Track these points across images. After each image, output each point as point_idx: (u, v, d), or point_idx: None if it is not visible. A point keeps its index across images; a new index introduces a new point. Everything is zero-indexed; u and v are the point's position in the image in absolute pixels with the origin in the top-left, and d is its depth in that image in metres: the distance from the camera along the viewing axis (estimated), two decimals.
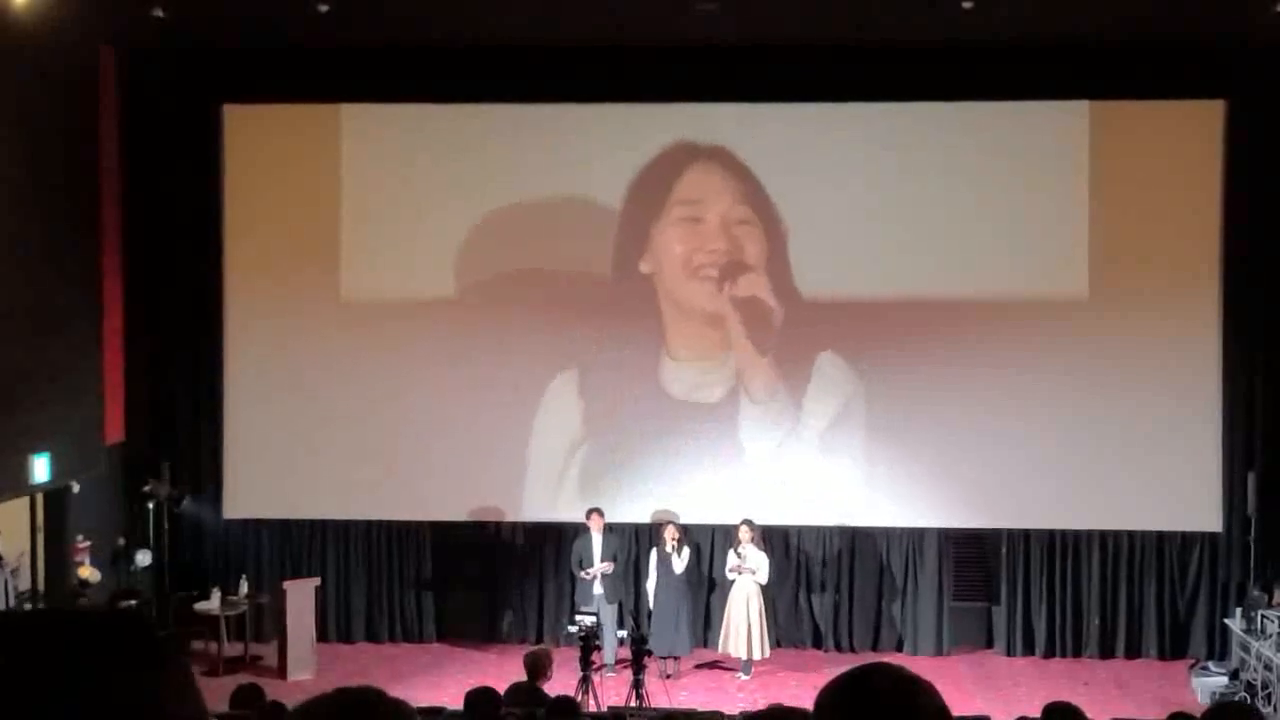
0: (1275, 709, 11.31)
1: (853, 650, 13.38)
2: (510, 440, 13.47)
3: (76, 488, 12.23)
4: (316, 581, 13.13)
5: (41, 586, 12.13)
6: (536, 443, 13.50)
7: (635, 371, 13.42)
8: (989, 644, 13.57)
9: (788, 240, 13.30)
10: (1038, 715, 7.61)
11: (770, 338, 13.35)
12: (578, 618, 11.71)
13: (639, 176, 13.41)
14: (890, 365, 13.18)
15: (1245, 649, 12.22)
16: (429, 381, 13.49)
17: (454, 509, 13.55)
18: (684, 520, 13.17)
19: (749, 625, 12.45)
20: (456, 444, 13.43)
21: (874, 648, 13.46)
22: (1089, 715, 7.21)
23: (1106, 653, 13.29)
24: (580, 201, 13.44)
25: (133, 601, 12.80)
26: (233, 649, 13.06)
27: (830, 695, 1.71)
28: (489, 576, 13.77)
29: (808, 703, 1.94)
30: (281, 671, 12.46)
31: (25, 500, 11.99)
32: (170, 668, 1.33)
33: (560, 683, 9.76)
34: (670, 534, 12.70)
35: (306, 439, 13.52)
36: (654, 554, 12.82)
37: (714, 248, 13.35)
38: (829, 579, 13.55)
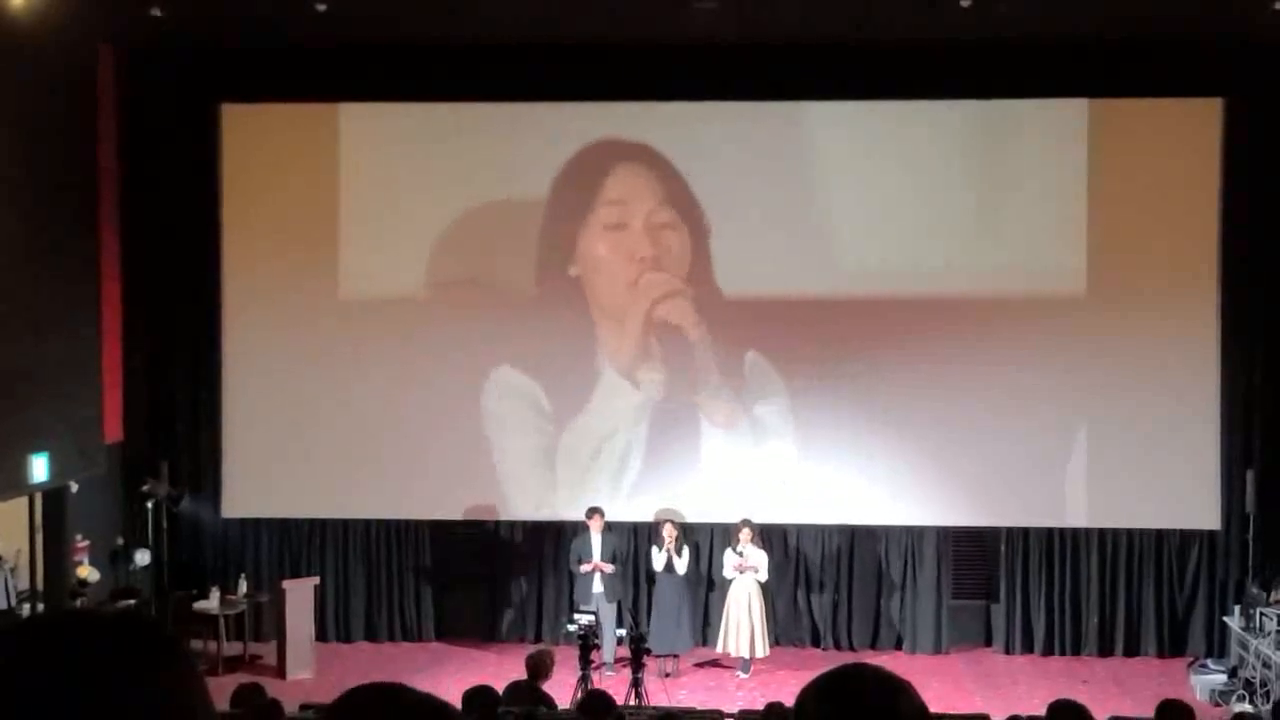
0: (1275, 706, 11.31)
1: (852, 649, 13.39)
2: (509, 438, 13.47)
3: (75, 487, 12.23)
4: (315, 581, 13.13)
5: (40, 586, 12.13)
6: (535, 441, 13.50)
7: (629, 372, 13.44)
8: (988, 642, 13.58)
9: (785, 244, 13.29)
10: (1037, 713, 7.62)
11: (767, 336, 13.34)
12: (576, 616, 11.72)
13: (638, 175, 13.41)
14: (890, 363, 13.18)
15: (1244, 646, 12.24)
16: (428, 379, 13.48)
17: (452, 508, 13.55)
18: (683, 519, 13.16)
19: (751, 624, 12.46)
20: (455, 442, 13.43)
21: (873, 646, 13.46)
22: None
23: (1105, 650, 13.29)
24: (580, 199, 13.44)
25: (131, 601, 12.80)
26: (232, 648, 13.07)
27: (812, 696, 1.70)
28: (488, 575, 13.77)
29: None
30: (281, 671, 12.46)
31: (24, 500, 11.98)
32: (183, 668, 1.34)
33: (559, 681, 9.76)
34: (669, 532, 12.70)
35: (305, 438, 13.51)
36: (654, 551, 12.81)
37: (677, 251, 13.38)
38: (828, 577, 13.55)
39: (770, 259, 13.32)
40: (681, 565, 12.71)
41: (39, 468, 11.55)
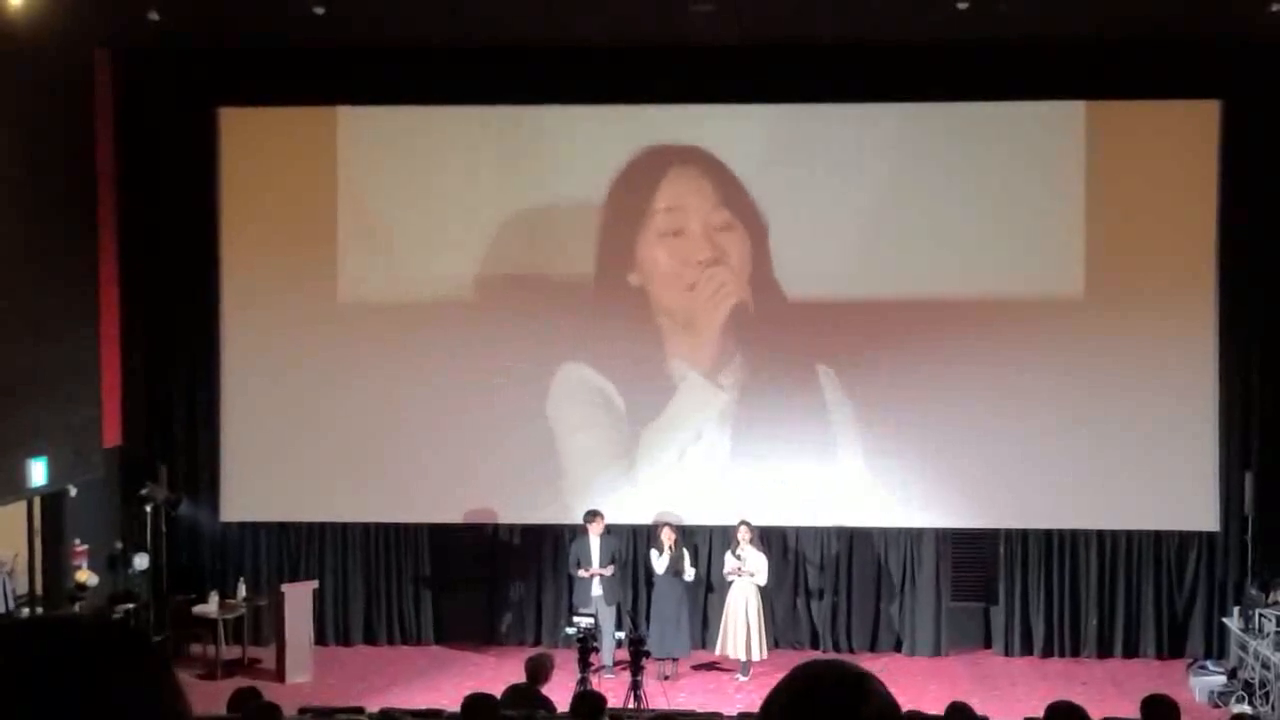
0: (1273, 707, 11.32)
1: (851, 651, 13.38)
2: (508, 442, 13.45)
3: (74, 491, 12.22)
4: (314, 584, 13.12)
5: (39, 590, 12.12)
6: (534, 444, 13.48)
7: (629, 374, 13.43)
8: (987, 644, 13.58)
9: (783, 244, 13.29)
10: (1036, 715, 7.62)
11: (766, 339, 13.33)
12: (576, 619, 11.71)
13: (639, 179, 13.41)
14: (889, 365, 13.17)
15: (1243, 648, 12.24)
16: (426, 383, 13.48)
17: (451, 511, 13.54)
18: (682, 521, 13.16)
19: (748, 626, 12.45)
20: (454, 446, 13.43)
21: (872, 648, 13.46)
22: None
23: (1104, 652, 13.29)
24: (577, 204, 13.43)
25: (130, 605, 12.80)
26: (231, 652, 13.05)
27: (778, 695, 1.67)
28: (487, 578, 13.76)
29: None
30: (280, 674, 12.45)
31: (23, 504, 11.97)
32: (168, 674, 1.33)
33: (559, 684, 9.75)
34: (668, 536, 12.69)
35: (303, 442, 13.50)
36: (653, 554, 12.81)
37: (700, 257, 13.36)
38: (827, 580, 13.54)
39: (768, 262, 13.33)
40: (690, 572, 12.70)
41: (37, 472, 11.55)
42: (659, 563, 12.70)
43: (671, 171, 13.38)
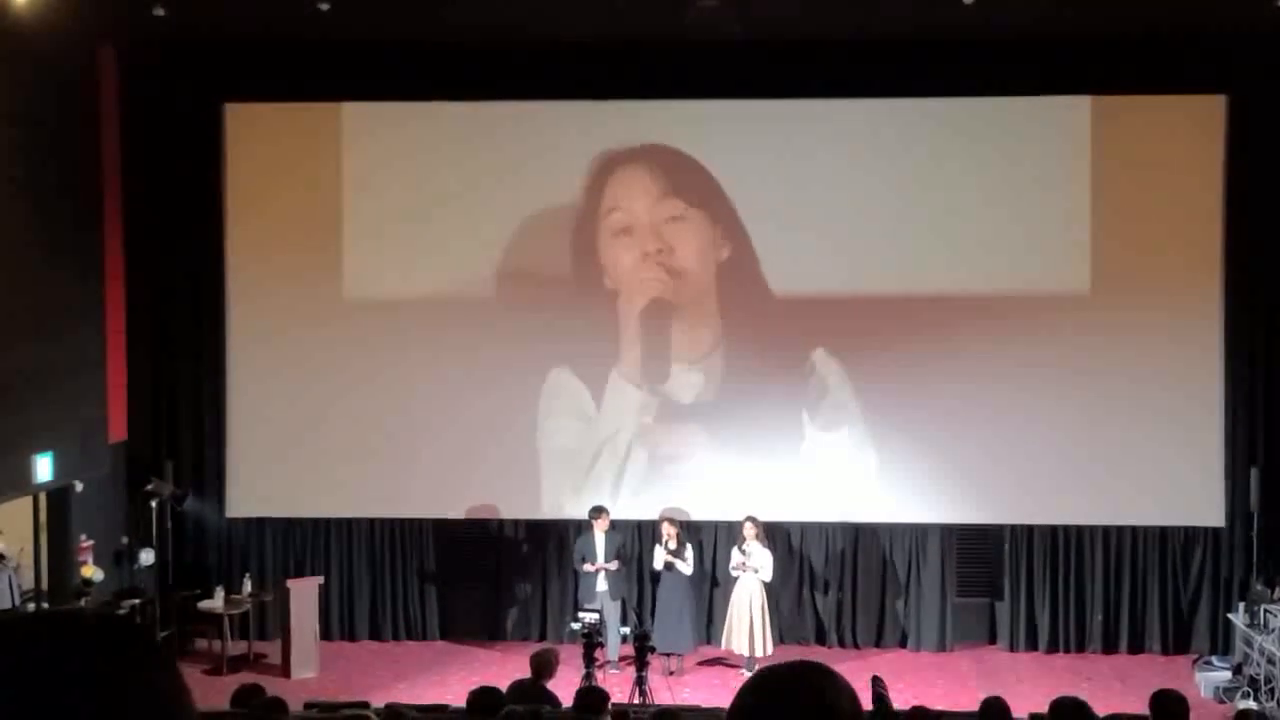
0: (1278, 703, 11.32)
1: (856, 646, 13.40)
2: (513, 438, 13.48)
3: (79, 487, 12.25)
4: (320, 580, 13.14)
5: (45, 585, 12.15)
6: (538, 440, 13.50)
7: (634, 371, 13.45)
8: (992, 639, 13.58)
9: (786, 242, 13.28)
10: (1040, 710, 7.62)
11: (767, 337, 13.33)
12: (581, 615, 11.72)
13: (641, 177, 13.40)
14: (893, 361, 13.17)
15: (1248, 643, 12.23)
16: (432, 379, 13.49)
17: (457, 507, 13.56)
18: (689, 517, 13.16)
19: (752, 622, 12.46)
20: (459, 441, 13.44)
21: (877, 644, 13.47)
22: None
23: (1109, 648, 13.29)
24: (579, 201, 13.43)
25: (136, 600, 12.81)
26: (236, 647, 13.08)
27: (744, 698, 1.66)
28: (492, 574, 13.78)
29: None
30: (285, 670, 12.48)
31: (29, 499, 12.00)
32: (162, 668, 1.33)
33: (564, 680, 9.77)
34: (668, 530, 12.69)
35: (309, 437, 13.52)
36: (657, 550, 12.81)
37: (652, 248, 13.38)
38: (832, 575, 13.55)
39: (768, 257, 13.33)
40: (687, 567, 12.70)
41: (43, 467, 11.57)
42: (656, 557, 12.71)
43: (675, 168, 13.36)
